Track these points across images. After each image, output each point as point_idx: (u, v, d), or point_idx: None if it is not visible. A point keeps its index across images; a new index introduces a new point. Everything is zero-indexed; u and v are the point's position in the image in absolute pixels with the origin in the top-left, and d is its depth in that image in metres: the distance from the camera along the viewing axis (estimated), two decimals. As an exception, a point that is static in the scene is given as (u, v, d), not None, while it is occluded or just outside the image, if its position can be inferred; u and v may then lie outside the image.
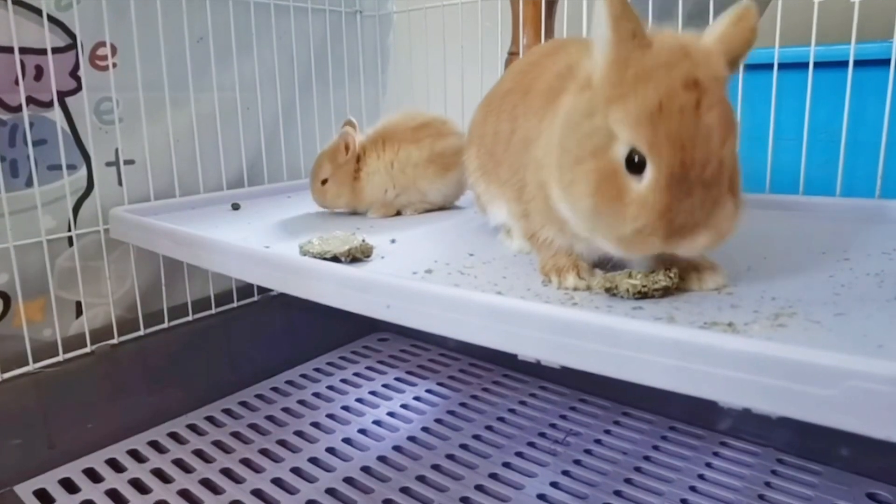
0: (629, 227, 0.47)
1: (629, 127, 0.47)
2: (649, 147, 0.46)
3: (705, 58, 0.48)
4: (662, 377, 0.40)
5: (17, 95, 0.88)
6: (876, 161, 0.82)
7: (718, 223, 0.47)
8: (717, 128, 0.46)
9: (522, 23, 1.08)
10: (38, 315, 0.95)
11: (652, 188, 0.46)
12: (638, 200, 0.47)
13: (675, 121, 0.45)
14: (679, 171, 0.45)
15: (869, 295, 0.50)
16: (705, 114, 0.46)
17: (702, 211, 0.46)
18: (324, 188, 0.94)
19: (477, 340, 0.49)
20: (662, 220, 0.46)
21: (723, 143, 0.46)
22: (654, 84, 0.46)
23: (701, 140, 0.46)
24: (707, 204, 0.46)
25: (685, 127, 0.46)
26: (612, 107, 0.48)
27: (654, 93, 0.46)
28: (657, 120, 0.46)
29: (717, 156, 0.46)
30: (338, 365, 1.25)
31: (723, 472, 0.86)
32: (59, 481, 0.88)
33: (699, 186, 0.46)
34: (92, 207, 0.98)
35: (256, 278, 0.69)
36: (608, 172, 0.48)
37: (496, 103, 0.71)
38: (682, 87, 0.46)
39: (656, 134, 0.46)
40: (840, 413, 0.34)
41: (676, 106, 0.46)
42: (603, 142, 0.48)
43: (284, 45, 1.20)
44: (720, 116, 0.46)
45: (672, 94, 0.46)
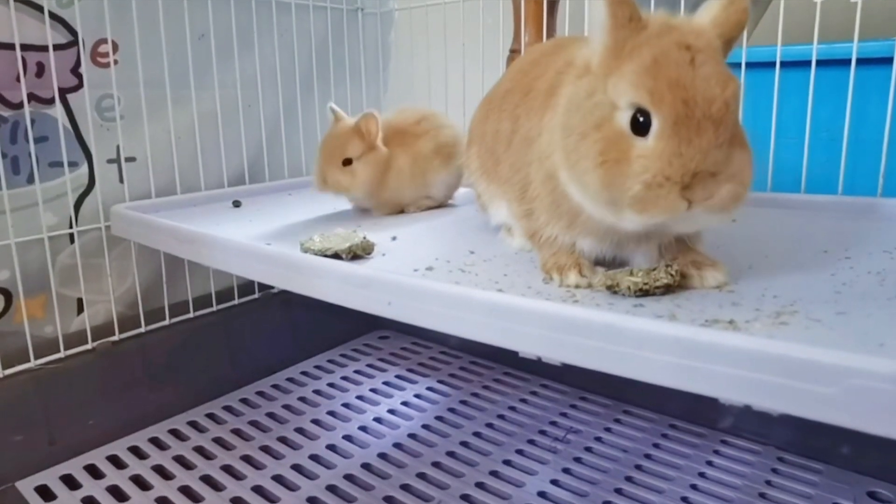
0: (639, 182, 0.45)
1: (628, 85, 0.46)
2: (650, 96, 0.45)
3: (697, 31, 0.49)
4: (663, 374, 0.40)
5: (18, 92, 0.87)
6: (878, 159, 0.82)
7: (738, 170, 0.46)
8: (716, 76, 0.46)
9: (524, 20, 1.08)
10: (39, 312, 0.95)
11: (658, 136, 0.45)
12: (645, 153, 0.46)
13: (672, 69, 0.45)
14: (684, 111, 0.45)
15: (870, 293, 0.50)
16: (700, 67, 0.46)
17: (718, 151, 0.45)
18: (350, 169, 0.86)
19: (478, 337, 0.49)
20: (674, 164, 0.45)
21: (725, 88, 0.46)
22: (648, 48, 0.47)
23: (701, 83, 0.45)
24: (722, 143, 0.45)
25: (683, 73, 0.45)
26: (610, 78, 0.48)
27: (648, 53, 0.46)
28: (654, 71, 0.46)
29: (722, 97, 0.45)
30: (339, 362, 1.25)
31: (723, 471, 0.86)
32: (60, 477, 0.89)
33: (709, 123, 0.45)
34: (93, 204, 0.98)
35: (257, 275, 0.69)
36: (613, 139, 0.47)
37: (497, 102, 0.71)
38: (675, 47, 0.46)
39: (655, 82, 0.45)
40: (841, 411, 0.34)
41: (671, 59, 0.46)
42: (605, 114, 0.48)
43: (286, 43, 1.20)
44: (717, 69, 0.46)
45: (666, 52, 0.46)
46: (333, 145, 0.87)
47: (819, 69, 0.87)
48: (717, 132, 0.45)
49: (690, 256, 0.55)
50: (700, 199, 0.46)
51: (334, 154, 0.86)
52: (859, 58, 0.83)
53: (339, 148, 0.86)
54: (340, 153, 0.86)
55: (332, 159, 0.86)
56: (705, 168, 0.45)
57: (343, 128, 0.88)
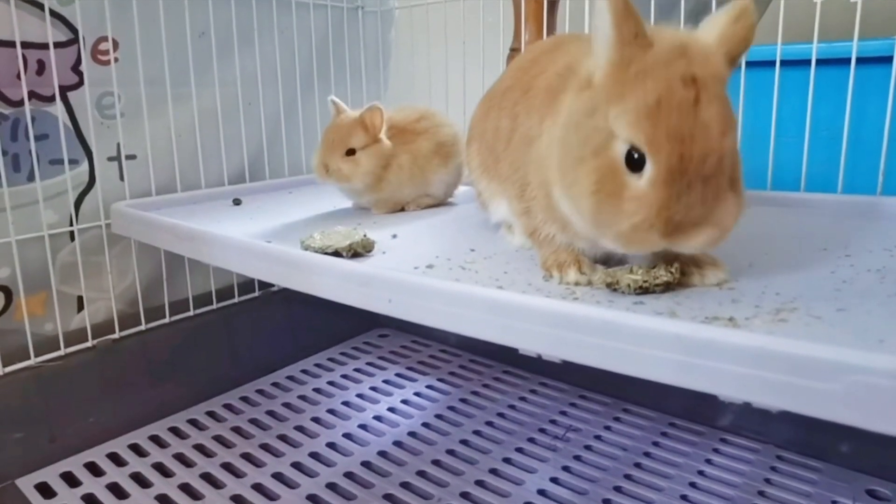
0: (627, 223, 0.47)
1: (628, 124, 0.47)
2: (648, 143, 0.46)
3: (704, 56, 0.48)
4: (663, 372, 0.40)
5: (18, 90, 0.87)
6: (877, 158, 0.82)
7: (719, 219, 0.47)
8: (716, 123, 0.46)
9: (524, 19, 1.08)
10: (39, 309, 0.95)
11: (651, 184, 0.46)
12: (637, 196, 0.47)
13: (674, 116, 0.45)
14: (678, 166, 0.45)
15: (870, 291, 0.50)
16: (704, 109, 0.46)
17: (702, 207, 0.46)
18: (353, 159, 0.86)
19: (478, 335, 0.49)
20: (661, 216, 0.46)
21: (722, 138, 0.46)
22: (653, 81, 0.46)
23: (700, 135, 0.46)
24: (707, 199, 0.46)
25: (683, 122, 0.45)
26: (612, 105, 0.48)
27: (652, 89, 0.46)
28: (655, 116, 0.46)
29: (717, 150, 0.46)
30: (338, 360, 1.25)
31: (723, 469, 0.86)
32: (61, 475, 0.89)
33: (698, 181, 0.46)
34: (93, 202, 0.98)
35: (258, 273, 0.69)
36: (608, 170, 0.48)
37: (497, 100, 0.71)
38: (681, 84, 0.46)
39: (655, 130, 0.46)
40: (841, 407, 0.34)
41: (675, 102, 0.46)
42: (603, 141, 0.48)
43: (286, 41, 1.20)
44: (719, 112, 0.46)
45: (670, 91, 0.46)
46: (336, 135, 0.87)
47: (819, 68, 0.87)
48: (706, 190, 0.46)
49: (690, 254, 0.55)
50: (678, 241, 0.47)
51: (337, 143, 0.86)
52: (859, 57, 0.83)
53: (342, 138, 0.86)
54: (344, 143, 0.86)
55: (334, 148, 0.86)
56: (689, 220, 0.46)
57: (346, 119, 0.88)
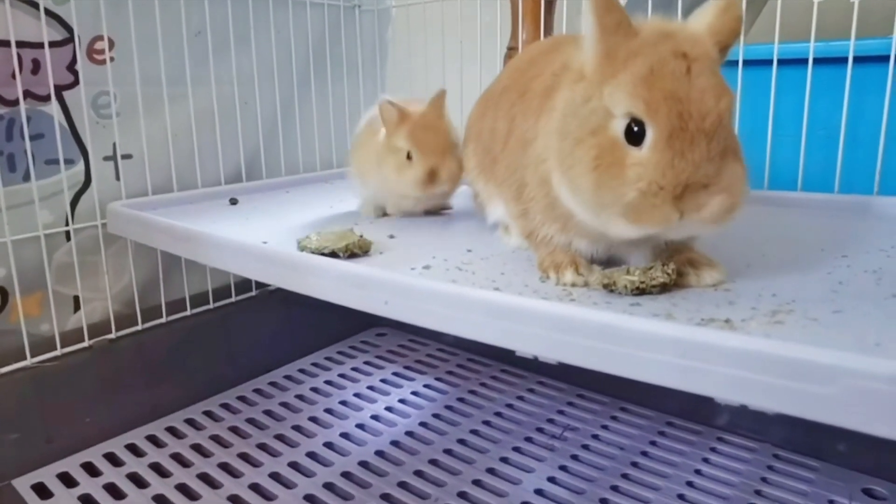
0: (633, 191, 0.46)
1: (624, 96, 0.47)
2: (645, 107, 0.46)
3: (693, 39, 0.49)
4: (660, 374, 0.40)
5: (14, 89, 0.87)
6: (875, 157, 0.82)
7: (729, 182, 0.46)
8: (711, 88, 0.46)
9: (521, 18, 1.07)
10: (35, 310, 0.95)
11: (653, 147, 0.46)
12: (639, 162, 0.46)
13: (668, 80, 0.46)
14: (678, 124, 0.45)
15: (867, 292, 0.50)
16: (696, 78, 0.46)
17: (709, 164, 0.46)
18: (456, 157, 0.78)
19: (475, 336, 0.49)
20: (667, 176, 0.45)
21: (719, 101, 0.46)
22: (644, 56, 0.47)
23: (696, 97, 0.46)
24: (713, 156, 0.46)
25: (678, 85, 0.46)
26: (606, 86, 0.48)
27: (643, 62, 0.47)
28: (650, 82, 0.46)
29: (715, 110, 0.46)
30: (336, 360, 1.25)
31: (719, 468, 0.86)
32: (57, 475, 0.88)
33: (702, 136, 0.45)
34: (89, 202, 0.97)
35: (254, 274, 0.69)
36: (608, 145, 0.48)
37: (493, 100, 0.71)
38: (672, 56, 0.47)
39: (651, 94, 0.46)
40: (837, 410, 0.34)
41: (667, 70, 0.46)
42: (600, 121, 0.49)
43: (283, 40, 1.20)
44: (712, 81, 0.47)
45: (662, 61, 0.47)
46: (437, 136, 0.77)
47: (816, 67, 0.87)
48: (710, 146, 0.46)
49: (687, 255, 0.55)
50: (691, 209, 0.46)
51: (444, 145, 0.77)
52: (856, 55, 0.83)
53: (445, 137, 0.77)
54: (449, 141, 0.77)
55: (444, 152, 0.77)
56: (697, 180, 0.46)
57: (427, 117, 0.79)
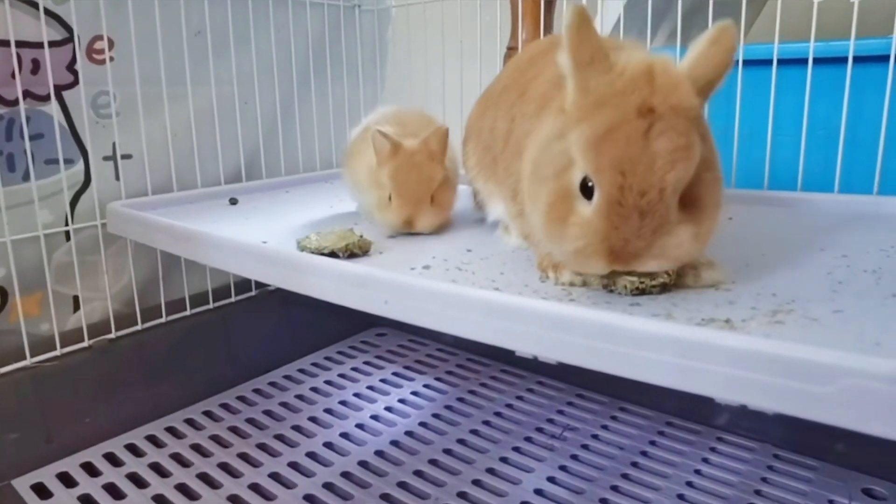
0: (571, 247, 0.49)
1: (580, 151, 0.48)
2: (594, 171, 0.47)
3: (670, 86, 0.47)
4: (660, 374, 0.40)
5: (13, 89, 0.87)
6: (874, 157, 0.82)
7: (662, 252, 0.47)
8: (665, 155, 0.45)
9: (521, 17, 1.07)
10: (35, 309, 0.95)
11: (594, 212, 0.48)
12: (580, 223, 0.48)
13: (620, 147, 0.46)
14: (617, 198, 0.46)
15: (866, 292, 0.50)
16: (654, 140, 0.45)
17: (640, 240, 0.47)
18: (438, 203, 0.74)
19: (474, 336, 0.49)
20: (602, 244, 0.47)
21: (668, 171, 0.46)
22: (609, 109, 0.47)
23: (643, 168, 0.46)
24: (645, 234, 0.47)
25: (629, 153, 0.46)
26: (572, 131, 0.49)
27: (605, 118, 0.47)
28: (602, 145, 0.46)
29: (658, 185, 0.46)
30: (335, 360, 1.25)
31: (719, 468, 0.86)
32: (57, 475, 0.88)
33: (635, 214, 0.46)
34: (89, 202, 0.97)
35: (254, 274, 0.69)
36: (563, 194, 0.50)
37: (493, 99, 0.71)
38: (636, 114, 0.46)
39: (599, 159, 0.47)
40: (837, 410, 0.34)
41: (623, 132, 0.46)
42: (565, 164, 0.50)
43: (282, 40, 1.20)
44: (671, 144, 0.46)
45: (623, 120, 0.46)
46: (417, 182, 0.71)
47: (816, 67, 0.87)
48: (643, 224, 0.46)
49: None
50: (623, 269, 0.49)
51: (422, 193, 0.71)
52: (856, 55, 0.83)
53: (425, 184, 0.71)
54: (428, 190, 0.71)
55: (420, 200, 0.71)
56: (627, 251, 0.47)
57: (414, 157, 0.72)
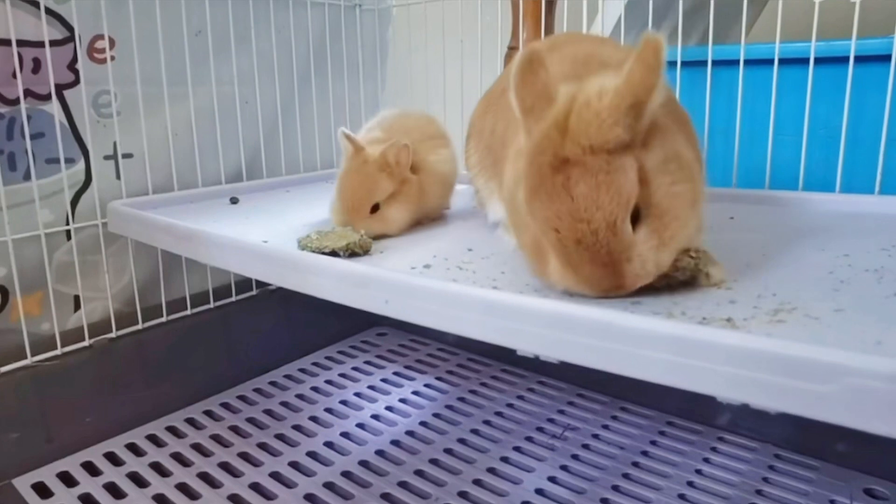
0: (560, 286, 0.51)
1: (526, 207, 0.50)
2: (540, 231, 0.49)
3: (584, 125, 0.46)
4: (661, 372, 0.40)
5: (14, 88, 0.87)
6: (876, 157, 0.82)
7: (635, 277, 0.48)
8: (587, 199, 0.46)
9: (522, 17, 1.07)
10: (35, 309, 0.95)
11: (555, 261, 0.50)
12: (551, 271, 0.51)
13: (545, 206, 0.48)
14: (561, 249, 0.48)
15: (868, 291, 0.49)
16: (573, 189, 0.47)
17: (606, 279, 0.48)
18: (381, 216, 0.74)
19: (475, 335, 0.49)
20: (579, 286, 0.49)
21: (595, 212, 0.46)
22: (532, 168, 0.49)
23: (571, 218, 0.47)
24: (608, 270, 0.48)
25: (553, 209, 0.47)
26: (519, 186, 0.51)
27: (530, 181, 0.49)
28: (533, 206, 0.49)
29: (591, 227, 0.47)
30: (336, 359, 1.25)
31: (720, 468, 0.86)
32: (58, 475, 0.88)
33: (586, 257, 0.47)
34: (90, 201, 0.97)
35: (254, 273, 0.69)
36: (536, 245, 0.52)
37: (494, 100, 0.71)
38: (550, 171, 0.48)
39: (536, 220, 0.49)
40: (839, 409, 0.34)
41: (544, 191, 0.48)
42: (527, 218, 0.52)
43: (283, 39, 1.20)
44: (589, 187, 0.46)
45: (542, 178, 0.48)
46: (357, 190, 0.73)
47: (817, 66, 0.87)
48: (594, 261, 0.47)
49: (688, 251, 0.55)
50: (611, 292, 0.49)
51: (359, 202, 0.73)
52: (857, 55, 0.83)
53: (364, 193, 0.73)
54: (367, 199, 0.73)
55: (358, 209, 0.73)
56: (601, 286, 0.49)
57: (365, 163, 0.74)
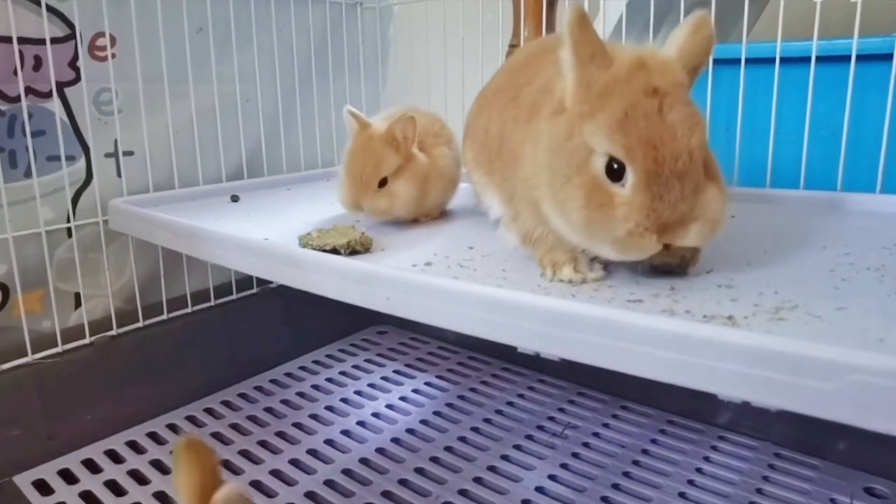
0: (622, 230, 0.49)
1: (603, 138, 0.50)
2: (625, 152, 0.49)
3: (662, 67, 0.51)
4: (662, 370, 0.40)
5: (15, 86, 0.87)
6: (877, 156, 0.82)
7: (703, 212, 0.50)
8: (682, 124, 0.49)
9: (523, 16, 1.07)
10: (36, 306, 0.95)
11: (634, 189, 0.49)
12: (625, 202, 0.49)
13: (642, 124, 0.49)
14: (654, 168, 0.48)
15: (869, 289, 0.49)
16: (668, 114, 0.49)
17: (684, 203, 0.49)
18: (388, 191, 0.74)
19: (476, 333, 0.49)
20: (650, 217, 0.49)
21: (690, 137, 0.49)
22: (618, 96, 0.50)
23: (668, 137, 0.49)
24: (687, 195, 0.49)
25: (652, 128, 0.49)
26: (585, 124, 0.51)
27: (619, 104, 0.50)
28: (626, 126, 0.49)
29: (686, 149, 0.49)
30: (337, 357, 1.25)
31: (720, 466, 0.86)
32: (58, 472, 0.89)
33: (675, 179, 0.49)
34: (91, 199, 0.97)
35: (255, 270, 0.69)
36: (594, 184, 0.51)
37: (488, 99, 0.72)
38: (643, 95, 0.49)
39: (627, 139, 0.49)
40: (840, 407, 0.34)
41: (640, 111, 0.49)
42: (584, 157, 0.51)
43: (284, 37, 1.20)
44: (683, 115, 0.50)
45: (635, 102, 0.49)
46: (364, 164, 0.74)
47: (818, 65, 0.86)
48: (683, 186, 0.49)
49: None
50: (672, 241, 0.50)
51: (367, 177, 0.73)
52: (859, 54, 0.83)
53: (371, 167, 0.73)
54: (375, 173, 0.73)
55: (366, 183, 0.73)
56: (675, 218, 0.49)
57: (371, 139, 0.75)
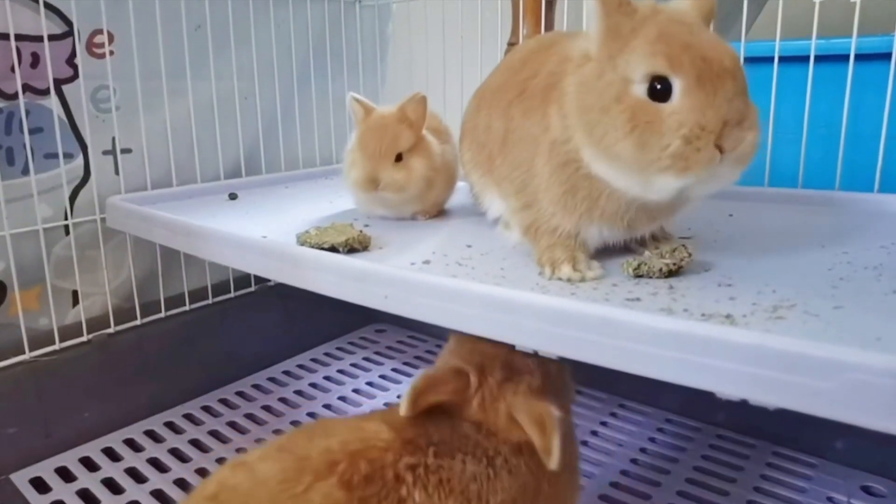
0: (677, 139, 0.48)
1: (642, 57, 0.49)
2: (667, 61, 0.48)
3: (683, 12, 0.53)
4: (660, 368, 0.40)
5: (13, 83, 0.87)
6: (875, 155, 0.82)
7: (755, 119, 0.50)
8: (716, 39, 0.51)
9: (522, 14, 1.07)
10: (34, 304, 0.94)
11: (684, 94, 0.48)
12: (675, 111, 0.48)
13: (680, 36, 0.50)
14: (703, 66, 0.48)
15: (867, 288, 0.50)
16: (700, 34, 0.50)
17: (739, 99, 0.49)
18: (404, 165, 0.75)
19: (474, 331, 0.49)
20: (707, 115, 0.47)
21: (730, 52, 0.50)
22: (650, 24, 0.51)
23: (708, 45, 0.49)
24: (741, 92, 0.49)
25: (691, 38, 0.50)
26: (618, 58, 0.51)
27: (651, 29, 0.50)
28: (665, 40, 0.49)
29: (728, 52, 0.49)
30: (335, 356, 1.25)
31: (719, 464, 0.86)
32: (55, 470, 0.89)
33: (727, 74, 0.48)
34: (89, 196, 0.97)
35: (253, 268, 0.69)
36: (637, 108, 0.49)
37: (487, 98, 0.71)
38: (673, 23, 0.51)
39: (670, 48, 0.49)
40: (838, 405, 0.34)
41: (675, 30, 0.50)
42: (620, 89, 0.50)
43: (283, 35, 1.19)
44: (714, 36, 0.51)
45: (669, 25, 0.51)
46: (381, 140, 0.75)
47: (817, 64, 0.86)
48: (736, 81, 0.49)
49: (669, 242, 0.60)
50: (731, 146, 0.48)
51: (385, 150, 0.74)
52: (858, 53, 0.83)
53: (389, 142, 0.74)
54: (392, 148, 0.74)
55: (383, 156, 0.74)
56: (732, 116, 0.48)
57: (385, 119, 0.77)
